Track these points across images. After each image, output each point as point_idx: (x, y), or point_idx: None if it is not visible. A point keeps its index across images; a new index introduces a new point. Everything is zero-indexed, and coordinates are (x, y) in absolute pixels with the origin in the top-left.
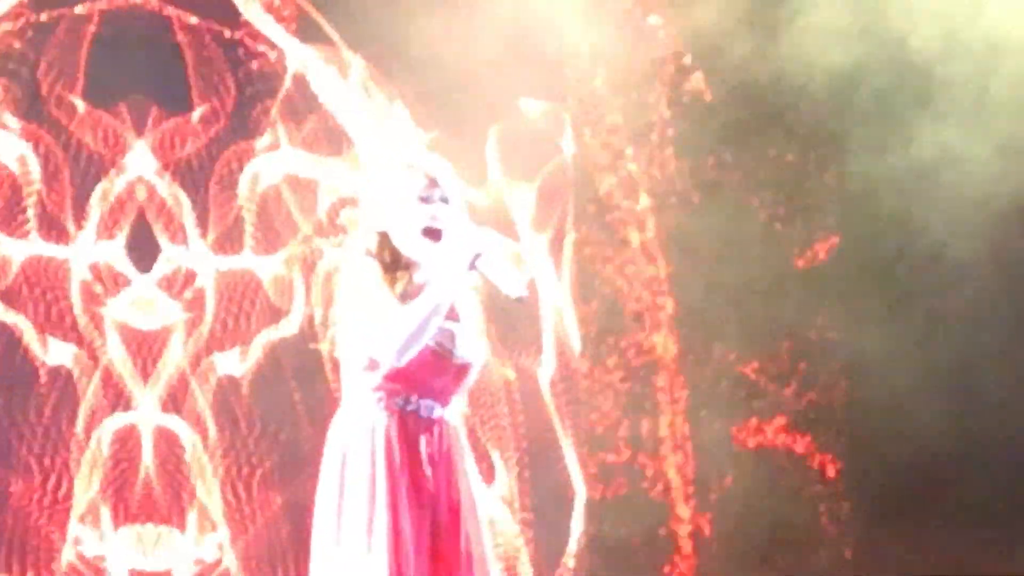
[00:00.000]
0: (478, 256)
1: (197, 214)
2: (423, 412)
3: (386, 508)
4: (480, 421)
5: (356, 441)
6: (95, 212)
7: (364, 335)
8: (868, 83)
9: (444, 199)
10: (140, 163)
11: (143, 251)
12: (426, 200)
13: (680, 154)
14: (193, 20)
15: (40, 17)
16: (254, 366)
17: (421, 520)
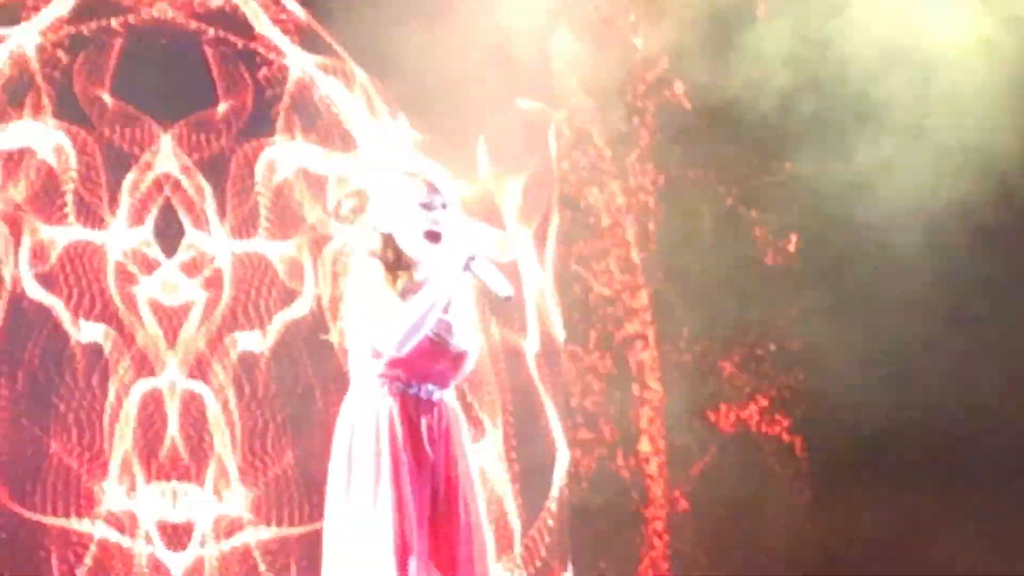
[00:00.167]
0: (472, 259)
1: (217, 203)
2: (424, 395)
3: (390, 481)
4: (471, 386)
5: (362, 421)
6: (126, 201)
7: (368, 329)
8: (816, 100)
9: (444, 205)
10: (166, 157)
11: (169, 236)
12: (428, 206)
13: (655, 158)
14: (212, 32)
15: (79, 29)
16: (273, 343)
17: (422, 491)
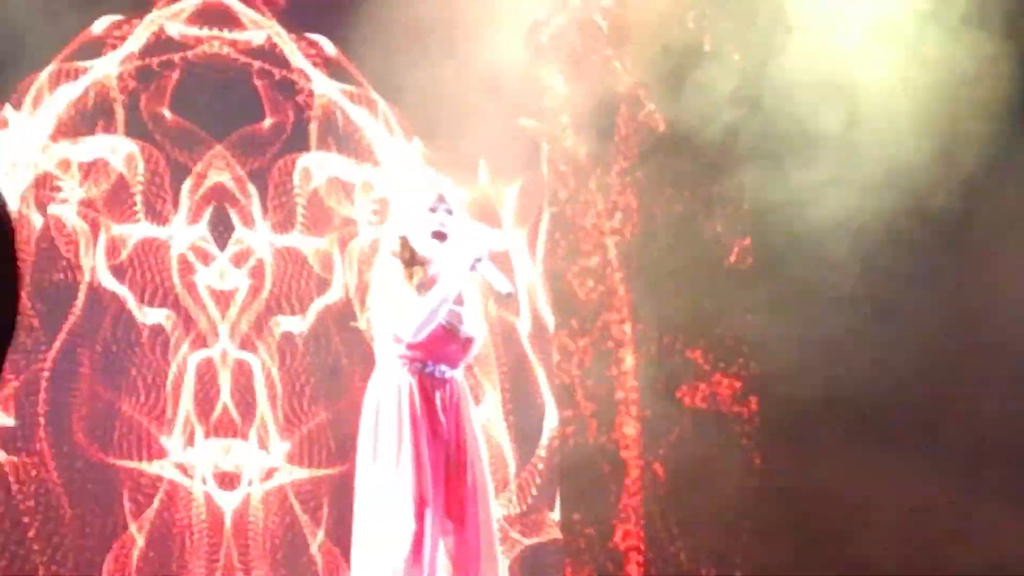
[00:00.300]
0: (478, 260)
1: (261, 204)
2: (438, 374)
3: (410, 445)
4: (475, 358)
5: (386, 395)
6: (185, 203)
7: (390, 318)
8: (760, 126)
9: (448, 211)
10: (219, 166)
11: (221, 233)
12: (435, 210)
13: (630, 173)
14: (255, 64)
15: (146, 62)
16: (310, 326)
17: (437, 454)
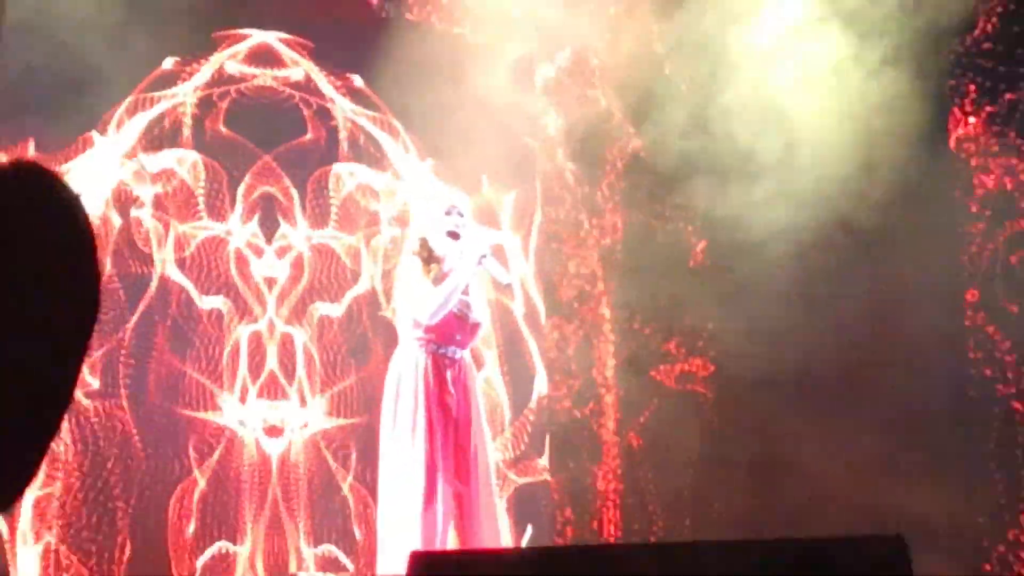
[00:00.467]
0: (483, 257)
1: (300, 205)
2: (449, 354)
3: (424, 415)
4: None
5: (406, 371)
6: (239, 205)
7: (411, 306)
8: (711, 149)
9: (460, 214)
10: (267, 173)
11: (268, 229)
12: (449, 213)
13: (610, 185)
14: (297, 95)
15: (210, 91)
16: (343, 311)
17: (447, 423)
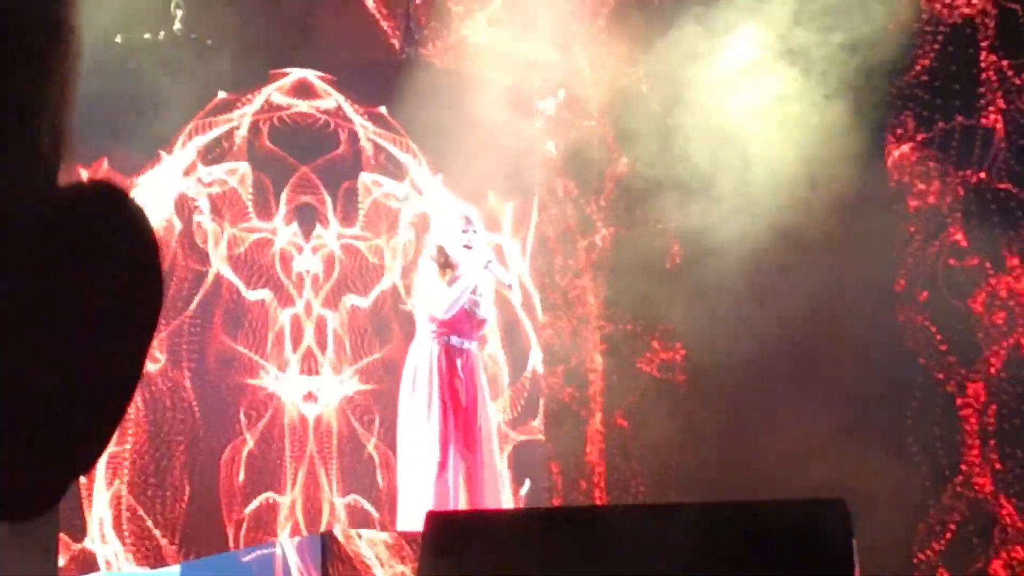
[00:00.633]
0: (489, 262)
1: (332, 209)
2: (458, 345)
3: (437, 398)
4: None
5: (421, 359)
6: (282, 209)
7: (427, 304)
8: (676, 173)
9: (474, 230)
10: (306, 183)
11: (306, 229)
12: (465, 231)
13: (600, 197)
14: (329, 119)
15: (257, 116)
16: (370, 302)
17: (456, 406)
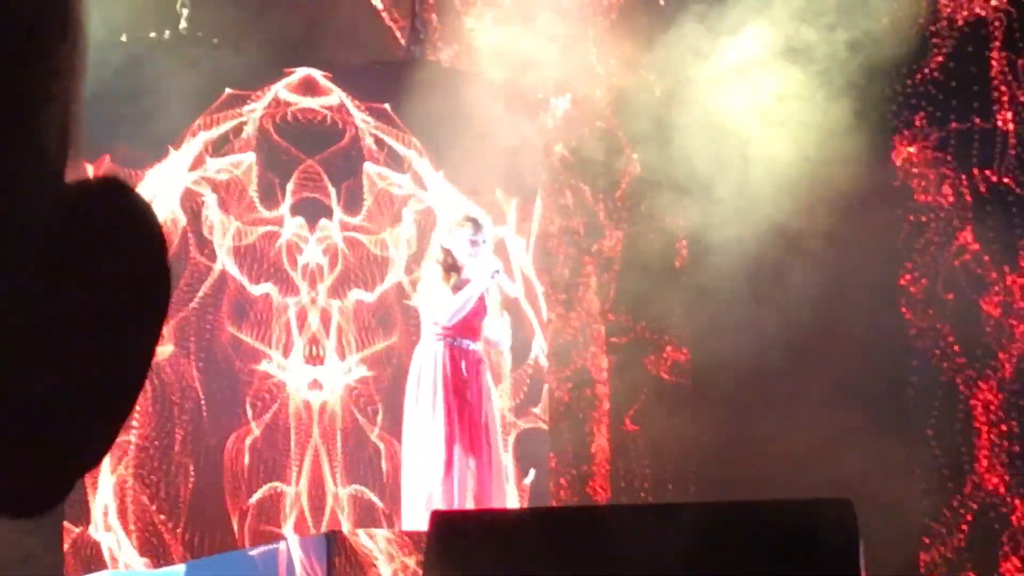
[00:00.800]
0: (496, 272)
1: (336, 201)
2: (463, 346)
3: (442, 398)
4: None
5: (427, 361)
6: (288, 201)
7: (431, 308)
8: (675, 173)
9: (483, 239)
10: (310, 175)
11: (311, 221)
12: (473, 239)
13: (601, 196)
14: (333, 113)
15: (271, 111)
16: (375, 297)
17: (462, 406)
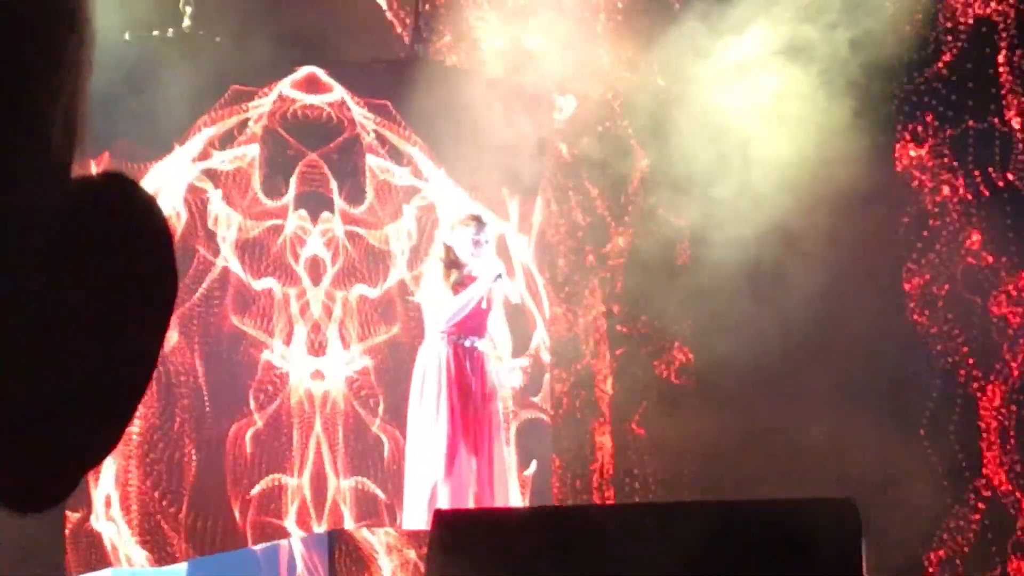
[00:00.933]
0: (499, 276)
1: (338, 194)
2: (468, 344)
3: (446, 398)
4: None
5: (431, 360)
6: (292, 192)
7: (432, 306)
8: (674, 172)
9: (484, 228)
10: (314, 168)
11: (314, 215)
12: (476, 230)
13: (602, 194)
14: (334, 109)
15: (274, 106)
16: (379, 291)
17: (465, 404)
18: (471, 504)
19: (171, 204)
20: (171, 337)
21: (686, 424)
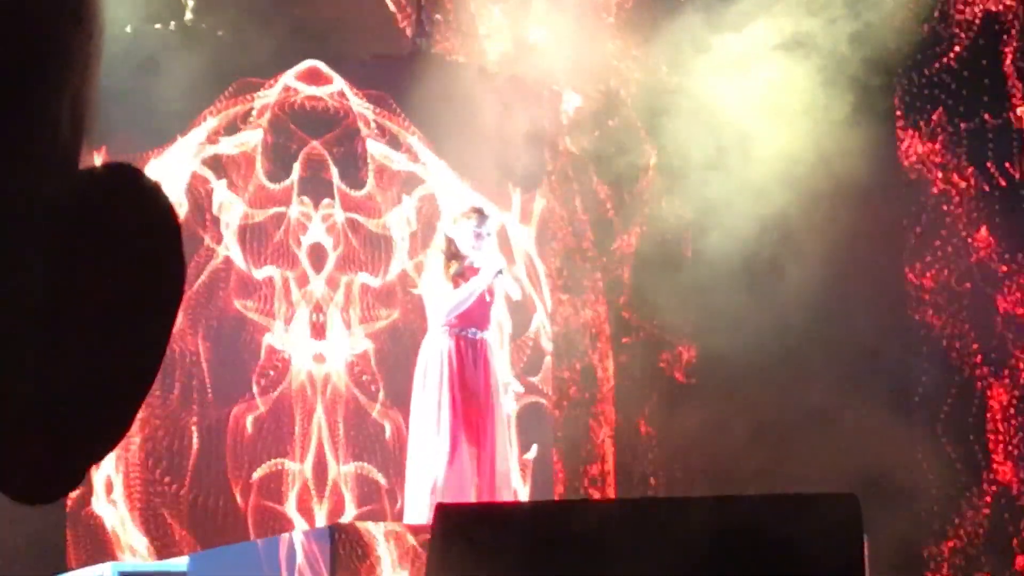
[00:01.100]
0: (499, 272)
1: (340, 181)
2: (471, 336)
3: (448, 390)
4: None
5: (433, 353)
6: (294, 180)
7: (433, 301)
8: (676, 167)
9: (485, 221)
10: (316, 155)
11: (315, 202)
12: (478, 223)
13: (604, 187)
14: (335, 99)
15: (279, 96)
16: (381, 281)
17: (468, 397)
18: (473, 498)
19: (173, 194)
20: (177, 320)
21: (688, 419)
